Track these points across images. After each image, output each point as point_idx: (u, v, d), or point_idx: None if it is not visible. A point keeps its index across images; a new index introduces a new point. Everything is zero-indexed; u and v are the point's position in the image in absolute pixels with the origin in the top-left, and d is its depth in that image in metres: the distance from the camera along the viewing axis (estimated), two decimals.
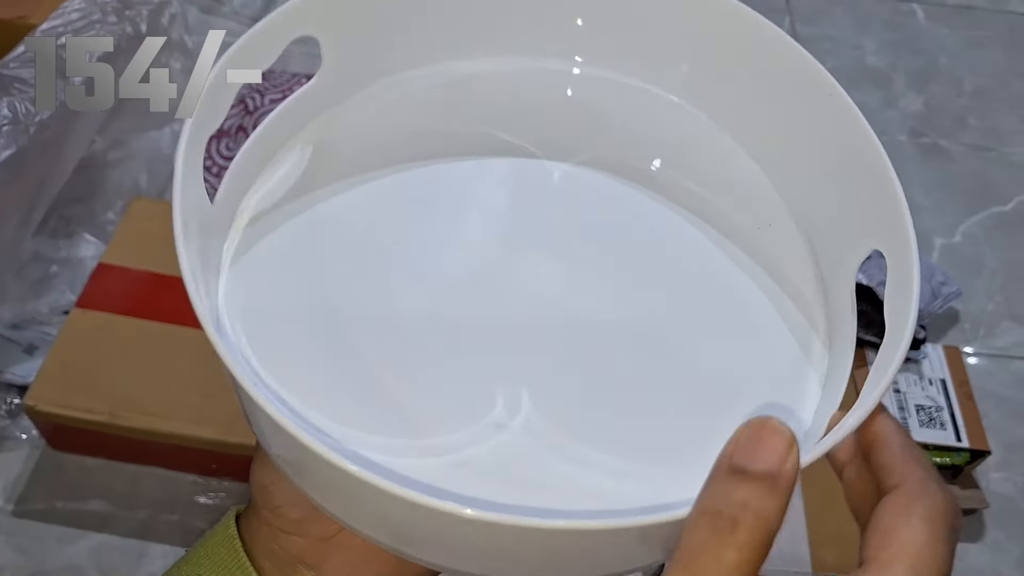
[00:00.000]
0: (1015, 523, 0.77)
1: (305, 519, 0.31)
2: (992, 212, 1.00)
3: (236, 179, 0.34)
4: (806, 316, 0.34)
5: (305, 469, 0.28)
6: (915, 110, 1.09)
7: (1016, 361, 0.87)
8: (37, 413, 0.66)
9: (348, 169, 0.37)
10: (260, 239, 0.34)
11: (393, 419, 0.30)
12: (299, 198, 0.36)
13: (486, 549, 0.27)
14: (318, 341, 0.32)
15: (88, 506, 0.70)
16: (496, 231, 0.36)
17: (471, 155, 0.38)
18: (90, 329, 0.69)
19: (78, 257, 0.78)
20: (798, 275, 0.36)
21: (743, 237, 0.37)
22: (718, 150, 0.39)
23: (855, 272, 0.34)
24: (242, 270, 0.33)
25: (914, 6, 1.22)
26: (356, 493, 0.26)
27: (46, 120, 0.68)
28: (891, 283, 0.31)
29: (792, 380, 0.33)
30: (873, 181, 0.33)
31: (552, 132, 0.39)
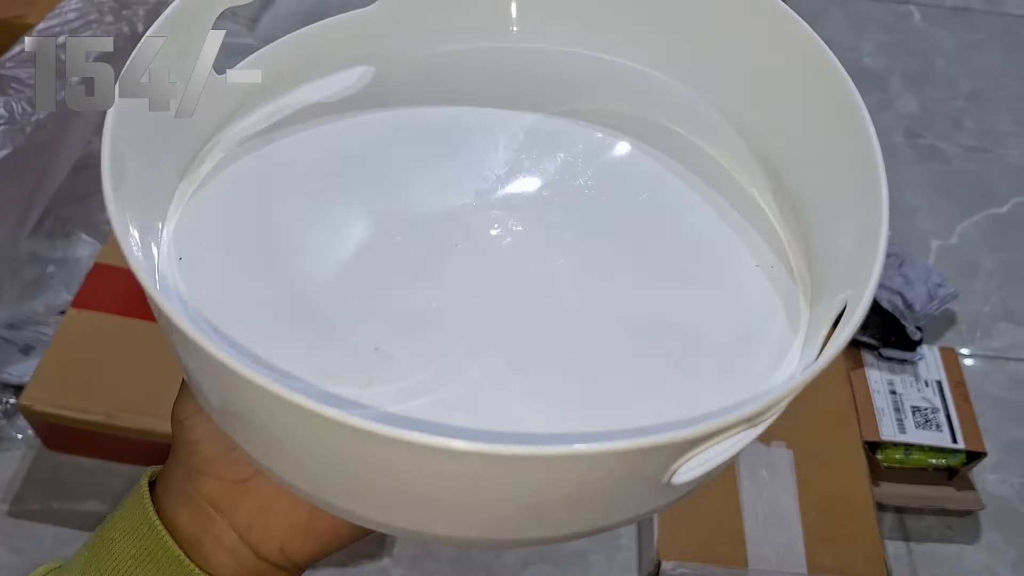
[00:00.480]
0: (1011, 524, 0.77)
1: (219, 458, 0.31)
2: (988, 214, 1.00)
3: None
4: (788, 272, 0.34)
5: (236, 413, 0.27)
6: (911, 112, 1.09)
7: (1012, 362, 0.88)
8: (33, 413, 0.66)
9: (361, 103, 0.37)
10: (236, 163, 0.35)
11: (340, 357, 0.30)
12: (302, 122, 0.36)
13: (436, 494, 0.26)
14: (262, 275, 0.32)
15: (84, 506, 0.70)
16: (481, 181, 0.36)
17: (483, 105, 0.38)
18: (86, 329, 0.69)
19: (74, 257, 0.78)
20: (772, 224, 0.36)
21: (718, 183, 0.37)
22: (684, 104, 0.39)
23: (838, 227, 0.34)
24: (210, 192, 0.34)
25: (911, 8, 1.23)
26: (293, 430, 0.25)
27: (43, 120, 0.68)
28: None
29: (772, 335, 0.32)
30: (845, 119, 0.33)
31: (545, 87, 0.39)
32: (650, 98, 0.39)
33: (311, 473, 0.28)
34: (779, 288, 0.33)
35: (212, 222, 0.33)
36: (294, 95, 0.38)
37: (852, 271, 0.30)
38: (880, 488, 0.76)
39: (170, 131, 0.33)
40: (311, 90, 0.38)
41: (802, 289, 0.33)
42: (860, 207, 0.30)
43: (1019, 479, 0.80)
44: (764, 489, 0.70)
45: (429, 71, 0.40)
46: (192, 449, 0.31)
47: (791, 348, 0.31)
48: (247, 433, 0.28)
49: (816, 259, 0.34)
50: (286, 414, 0.23)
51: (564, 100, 0.39)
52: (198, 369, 0.28)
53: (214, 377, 0.26)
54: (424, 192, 0.35)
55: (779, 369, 0.31)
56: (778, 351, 0.31)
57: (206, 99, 0.35)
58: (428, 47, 0.40)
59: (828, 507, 0.71)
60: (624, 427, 0.29)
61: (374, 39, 0.39)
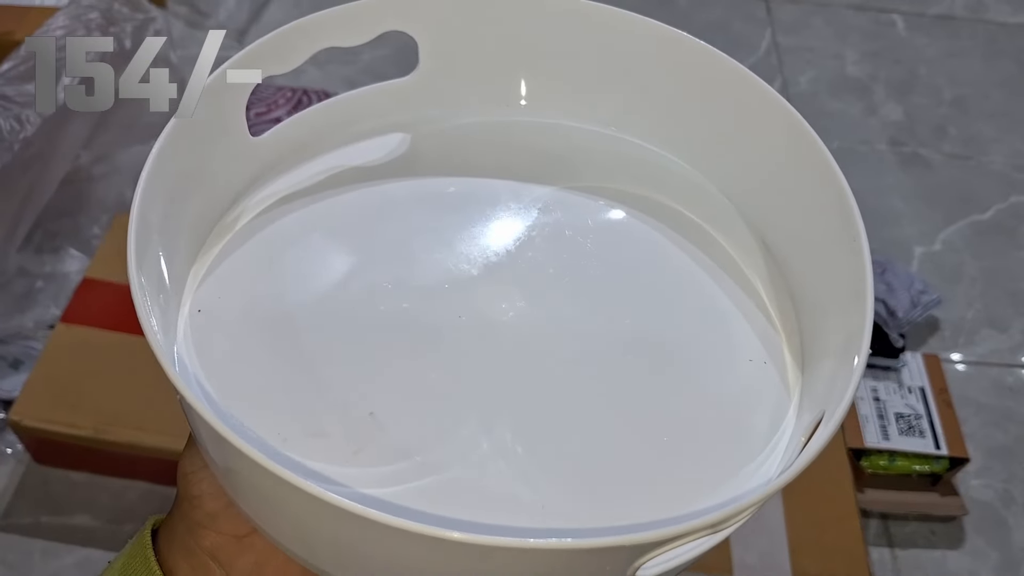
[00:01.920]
0: (994, 529, 0.78)
1: (221, 513, 0.32)
2: (971, 220, 1.01)
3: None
4: (778, 335, 0.35)
5: (230, 469, 0.28)
6: (895, 119, 1.10)
7: (995, 368, 0.89)
8: (22, 428, 0.67)
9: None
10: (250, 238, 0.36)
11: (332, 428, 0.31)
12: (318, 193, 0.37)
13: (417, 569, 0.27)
14: (271, 332, 0.33)
15: (73, 520, 0.70)
16: (491, 255, 0.37)
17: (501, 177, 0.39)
18: (75, 344, 0.70)
19: (63, 272, 0.78)
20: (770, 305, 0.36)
21: (709, 247, 0.37)
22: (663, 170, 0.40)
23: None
24: (236, 249, 0.35)
25: (894, 16, 1.24)
26: (282, 499, 0.26)
27: (31, 137, 0.68)
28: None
29: (764, 401, 0.33)
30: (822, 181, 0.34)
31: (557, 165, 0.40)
32: (659, 177, 0.40)
33: (299, 539, 0.29)
34: (770, 386, 0.34)
35: (233, 278, 0.34)
36: (325, 160, 0.39)
37: (833, 383, 0.30)
38: (864, 494, 0.77)
39: (202, 187, 0.35)
40: (343, 155, 0.39)
41: (792, 389, 0.34)
42: (849, 315, 0.31)
43: (1002, 484, 0.80)
44: None
45: (453, 142, 0.41)
46: (195, 503, 0.32)
47: (776, 448, 0.32)
48: (242, 494, 0.29)
49: (807, 360, 0.34)
50: (274, 484, 0.24)
51: (575, 175, 0.40)
52: (199, 429, 0.28)
53: (211, 439, 0.27)
54: (435, 262, 0.36)
55: (762, 468, 0.31)
56: (763, 450, 0.32)
57: (240, 159, 0.36)
58: (454, 118, 0.41)
59: (813, 514, 0.72)
60: (608, 515, 0.29)
61: (407, 109, 0.41)
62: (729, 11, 1.21)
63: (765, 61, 1.14)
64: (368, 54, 1.02)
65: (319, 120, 0.40)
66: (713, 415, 0.33)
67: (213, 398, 0.31)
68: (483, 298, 0.35)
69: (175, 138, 0.32)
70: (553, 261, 0.37)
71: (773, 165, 0.37)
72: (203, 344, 0.32)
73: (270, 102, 0.92)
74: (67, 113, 0.72)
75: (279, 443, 0.30)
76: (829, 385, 0.30)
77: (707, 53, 0.38)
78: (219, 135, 0.35)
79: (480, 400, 0.32)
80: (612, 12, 0.38)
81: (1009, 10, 1.26)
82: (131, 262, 0.28)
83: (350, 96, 0.40)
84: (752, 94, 0.37)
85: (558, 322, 0.35)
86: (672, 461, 0.31)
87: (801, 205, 0.36)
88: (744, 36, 1.18)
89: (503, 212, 0.38)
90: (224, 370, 0.32)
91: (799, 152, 0.35)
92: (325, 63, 1.03)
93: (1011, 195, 1.04)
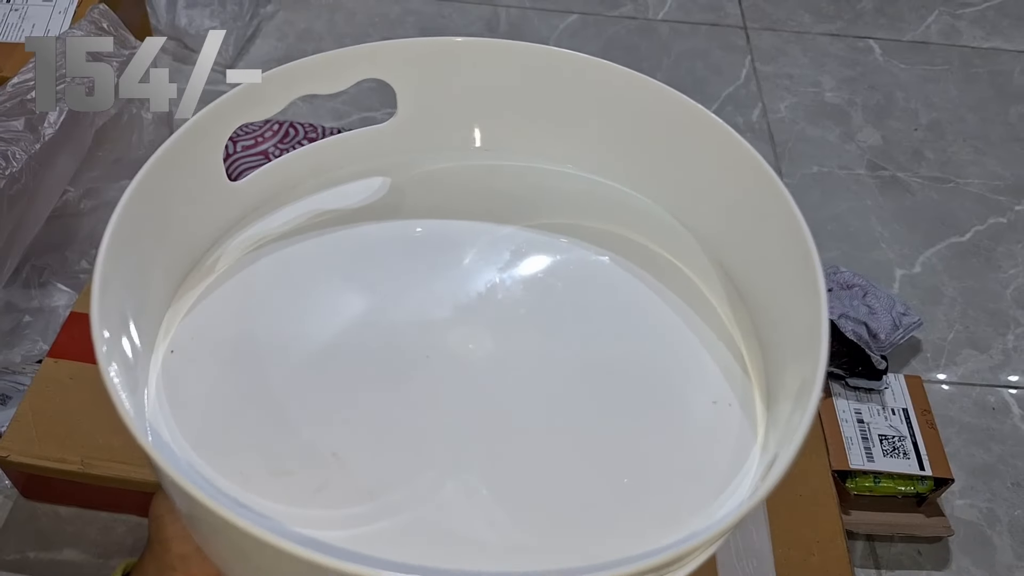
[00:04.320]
0: (980, 549, 0.79)
1: (191, 556, 0.33)
2: (950, 242, 1.02)
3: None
4: (743, 371, 0.35)
5: (194, 516, 0.29)
6: (873, 144, 1.12)
7: (977, 388, 0.90)
8: (9, 463, 0.66)
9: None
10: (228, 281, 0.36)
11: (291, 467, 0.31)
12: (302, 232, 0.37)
13: None
14: (240, 370, 0.33)
15: (62, 555, 0.70)
16: (462, 295, 0.37)
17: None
18: (63, 378, 0.70)
19: (51, 306, 0.78)
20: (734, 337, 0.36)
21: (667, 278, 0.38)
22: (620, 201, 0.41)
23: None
24: (212, 291, 0.35)
25: (870, 43, 1.26)
26: (241, 546, 0.26)
27: (17, 172, 0.69)
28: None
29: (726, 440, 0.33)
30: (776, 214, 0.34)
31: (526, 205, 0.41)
32: (636, 219, 0.41)
33: None
34: (734, 425, 0.34)
35: (208, 320, 0.35)
36: (305, 204, 0.40)
37: (789, 424, 0.31)
38: (850, 516, 0.77)
39: (178, 231, 0.35)
40: (322, 199, 0.40)
41: (758, 428, 0.34)
42: (805, 359, 0.32)
43: (986, 504, 0.81)
44: None
45: (430, 185, 0.42)
46: (166, 546, 0.33)
47: (741, 487, 0.32)
48: (207, 540, 0.30)
49: (771, 400, 0.35)
50: (234, 532, 0.25)
51: (549, 215, 0.41)
52: (160, 476, 0.29)
53: (171, 486, 0.28)
54: (407, 303, 0.37)
55: (725, 507, 0.32)
56: (725, 489, 0.32)
57: (218, 203, 0.37)
58: (432, 162, 0.42)
59: (799, 536, 0.72)
60: (571, 556, 0.30)
61: (386, 153, 0.41)
62: (709, 40, 1.23)
63: (745, 88, 1.16)
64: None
65: (299, 165, 0.40)
66: (678, 455, 0.33)
67: (178, 440, 0.31)
68: (452, 338, 0.36)
69: (149, 183, 0.32)
70: (523, 302, 0.37)
71: (741, 211, 0.38)
72: (173, 385, 0.33)
73: (257, 136, 0.93)
74: (54, 149, 0.72)
75: (241, 482, 0.30)
76: (786, 427, 0.31)
77: (677, 100, 0.39)
78: (194, 181, 0.35)
79: (444, 440, 0.33)
80: (583, 59, 0.39)
81: (982, 35, 1.29)
82: (94, 306, 0.29)
83: (329, 142, 0.41)
84: (725, 143, 0.38)
85: (526, 363, 0.36)
86: (637, 501, 0.32)
87: (764, 247, 0.37)
88: (724, 64, 1.20)
89: (477, 253, 0.39)
90: (192, 410, 0.32)
91: (761, 195, 0.36)
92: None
93: (989, 217, 1.05)
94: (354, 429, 0.32)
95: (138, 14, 1.03)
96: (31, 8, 0.88)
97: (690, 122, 0.38)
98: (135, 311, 0.32)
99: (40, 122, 0.71)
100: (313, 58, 0.37)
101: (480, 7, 1.15)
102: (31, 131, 0.70)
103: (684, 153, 0.39)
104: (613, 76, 0.39)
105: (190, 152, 0.34)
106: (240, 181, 0.37)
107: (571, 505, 0.31)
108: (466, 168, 0.42)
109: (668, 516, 0.31)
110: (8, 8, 0.88)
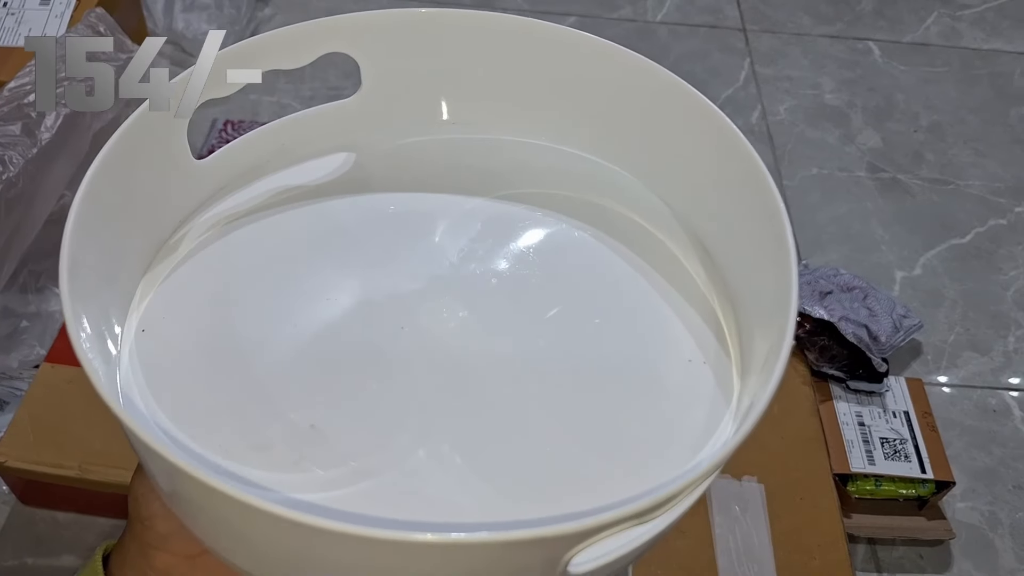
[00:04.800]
0: (982, 552, 0.78)
1: (172, 533, 0.32)
2: (951, 244, 1.02)
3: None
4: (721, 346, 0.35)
5: (176, 492, 0.28)
6: (873, 146, 1.12)
7: (978, 390, 0.89)
8: (7, 469, 0.66)
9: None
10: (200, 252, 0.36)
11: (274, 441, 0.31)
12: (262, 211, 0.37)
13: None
14: (213, 348, 0.33)
15: (59, 561, 0.70)
16: (435, 267, 0.37)
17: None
18: (60, 383, 0.70)
19: (48, 311, 0.78)
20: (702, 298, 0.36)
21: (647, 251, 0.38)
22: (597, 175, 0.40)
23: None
24: (181, 269, 0.35)
25: (870, 44, 1.26)
26: (222, 516, 0.26)
27: (14, 177, 0.68)
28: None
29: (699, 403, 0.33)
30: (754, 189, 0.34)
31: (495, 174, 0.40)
32: (602, 186, 0.41)
33: (247, 554, 0.29)
34: (709, 383, 0.34)
35: (177, 298, 0.35)
36: (271, 180, 0.40)
37: (764, 370, 0.31)
38: (851, 520, 0.77)
39: (146, 210, 0.35)
40: (288, 175, 0.40)
41: (733, 388, 0.34)
42: (773, 323, 0.31)
43: (988, 507, 0.81)
44: (736, 524, 0.71)
45: (397, 160, 0.42)
46: (147, 524, 0.32)
47: (715, 447, 0.32)
48: (188, 514, 0.29)
49: (745, 364, 0.35)
50: (213, 500, 0.24)
51: (519, 185, 0.41)
52: (138, 450, 0.29)
53: (149, 457, 0.28)
54: (380, 276, 0.37)
55: (700, 466, 0.32)
56: (702, 448, 0.32)
57: (185, 182, 0.36)
58: (398, 137, 0.41)
59: (800, 540, 0.72)
60: (545, 517, 0.29)
61: (351, 130, 0.41)
62: (708, 42, 1.23)
63: (744, 91, 1.16)
64: None
65: (264, 142, 0.40)
66: (653, 414, 0.33)
67: (157, 415, 0.31)
68: (425, 310, 0.36)
69: (112, 162, 0.32)
70: (495, 272, 0.37)
71: (709, 173, 0.37)
72: (147, 363, 0.33)
73: None
74: (51, 153, 0.72)
75: (221, 456, 0.30)
76: (760, 374, 0.31)
77: (643, 65, 0.38)
78: (161, 159, 0.35)
79: (419, 408, 0.33)
80: (553, 29, 0.39)
81: (982, 36, 1.29)
82: (64, 284, 0.28)
83: (294, 118, 0.41)
84: (688, 105, 0.37)
85: (499, 331, 0.36)
86: (611, 463, 0.32)
87: (736, 213, 0.36)
88: (723, 67, 1.19)
89: (447, 226, 0.39)
90: (167, 388, 0.32)
91: (733, 162, 0.35)
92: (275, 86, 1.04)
93: (989, 219, 1.05)
94: (331, 401, 0.32)
95: (135, 18, 1.03)
96: (27, 12, 0.88)
97: (660, 90, 0.38)
98: (106, 290, 0.32)
99: (37, 126, 0.71)
100: (273, 33, 0.36)
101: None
102: (28, 135, 0.70)
103: (652, 119, 0.39)
104: (582, 44, 0.39)
105: (155, 129, 0.34)
106: (205, 159, 0.37)
107: (547, 468, 0.32)
108: (434, 142, 0.42)
109: (646, 473, 0.31)
110: (4, 12, 0.88)
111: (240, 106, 1.03)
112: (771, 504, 0.73)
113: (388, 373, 0.34)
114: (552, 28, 0.39)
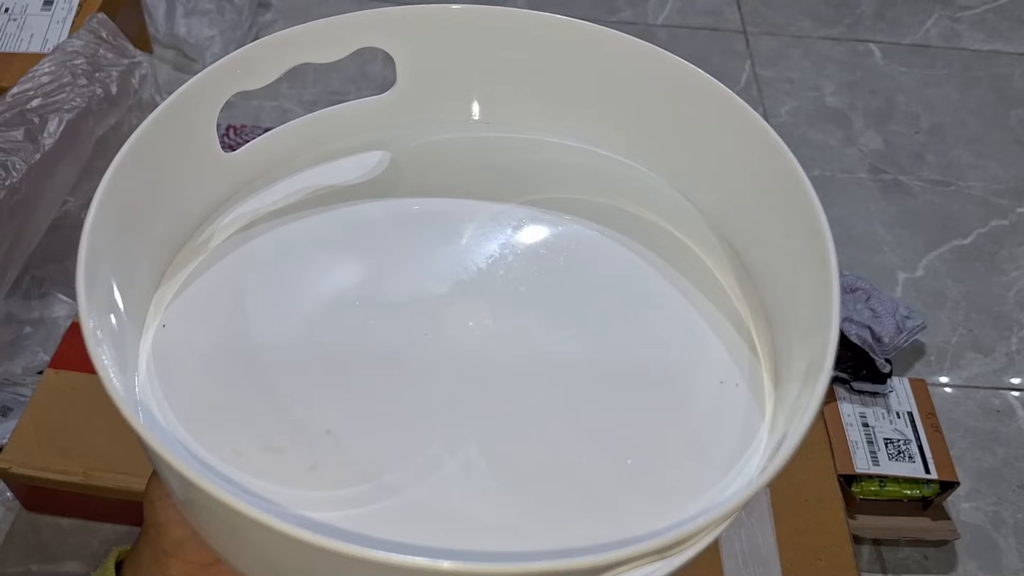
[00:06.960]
0: (986, 552, 0.78)
1: (187, 540, 0.32)
2: (953, 245, 1.02)
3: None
4: (750, 349, 0.34)
5: (189, 500, 0.28)
6: (875, 148, 1.12)
7: (981, 391, 0.89)
8: (11, 475, 0.66)
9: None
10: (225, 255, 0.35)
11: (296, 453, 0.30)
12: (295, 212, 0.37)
13: None
14: (234, 347, 0.32)
15: (64, 568, 0.70)
16: (462, 272, 0.36)
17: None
18: (64, 389, 0.69)
19: (51, 317, 0.78)
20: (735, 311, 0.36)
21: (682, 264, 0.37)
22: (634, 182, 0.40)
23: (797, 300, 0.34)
24: (205, 267, 0.34)
25: (871, 46, 1.26)
26: (238, 529, 0.26)
27: (17, 183, 0.68)
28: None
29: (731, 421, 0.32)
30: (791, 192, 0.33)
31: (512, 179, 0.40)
32: (636, 192, 0.40)
33: (263, 567, 0.28)
34: (741, 406, 0.33)
35: (200, 297, 0.34)
36: (301, 178, 0.39)
37: (796, 407, 0.30)
38: (856, 521, 0.77)
39: (170, 206, 0.34)
40: (319, 174, 0.39)
41: (765, 410, 0.33)
42: (813, 341, 0.31)
43: (992, 507, 0.81)
44: (742, 527, 0.71)
45: (430, 159, 0.41)
46: (161, 530, 0.32)
47: (745, 471, 0.31)
48: (203, 523, 0.29)
49: (780, 381, 0.34)
50: (230, 515, 0.24)
51: (553, 190, 0.40)
52: (152, 458, 0.28)
53: (164, 467, 0.27)
54: (405, 280, 0.36)
55: (728, 491, 0.31)
56: (729, 471, 0.31)
57: (213, 175, 0.36)
58: (432, 135, 0.41)
59: (805, 542, 0.72)
60: (572, 537, 0.29)
61: (385, 126, 0.40)
62: (709, 45, 1.23)
63: (746, 93, 1.16)
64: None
65: (296, 137, 0.39)
66: (683, 436, 0.32)
67: (168, 417, 0.31)
68: (450, 316, 0.35)
69: (135, 156, 0.31)
70: (524, 279, 0.36)
71: (748, 183, 0.37)
72: (164, 361, 0.32)
73: None
74: (53, 159, 0.72)
75: (233, 458, 0.30)
76: (793, 410, 0.30)
77: (682, 68, 0.38)
78: (186, 152, 0.34)
79: (442, 419, 0.32)
80: (591, 28, 0.38)
81: (983, 37, 1.29)
82: (80, 281, 0.28)
83: (328, 113, 0.40)
84: (730, 112, 0.36)
85: (526, 340, 0.34)
86: (638, 482, 0.31)
87: (775, 226, 0.36)
88: (725, 69, 1.19)
89: (477, 229, 0.38)
90: (183, 386, 0.31)
91: (775, 173, 0.35)
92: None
93: (991, 220, 1.05)
94: (349, 407, 0.32)
95: (136, 23, 1.03)
96: (29, 18, 0.88)
97: (696, 90, 0.37)
98: (124, 287, 0.31)
99: (40, 132, 0.71)
100: (309, 24, 0.35)
101: None
102: (31, 141, 0.70)
103: (689, 123, 0.38)
104: (616, 44, 0.38)
105: (182, 121, 0.33)
106: (234, 153, 0.36)
107: (573, 486, 0.31)
108: (471, 140, 0.41)
109: (672, 497, 0.30)
110: (6, 18, 0.88)
111: (242, 111, 1.03)
112: (776, 506, 0.73)
113: (409, 381, 0.33)
114: (587, 27, 0.38)
